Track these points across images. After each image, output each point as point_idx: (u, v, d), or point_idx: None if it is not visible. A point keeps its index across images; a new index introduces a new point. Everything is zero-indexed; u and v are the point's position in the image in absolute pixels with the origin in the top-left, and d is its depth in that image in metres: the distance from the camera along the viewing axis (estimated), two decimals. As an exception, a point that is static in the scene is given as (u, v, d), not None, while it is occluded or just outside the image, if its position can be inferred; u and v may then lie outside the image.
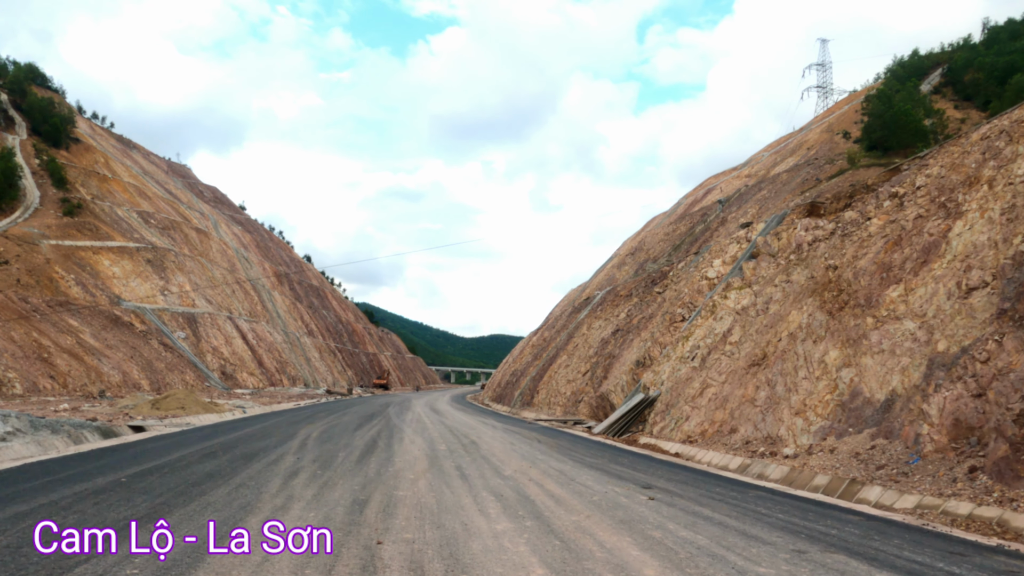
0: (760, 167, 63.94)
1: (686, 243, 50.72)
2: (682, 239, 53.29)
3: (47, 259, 57.63)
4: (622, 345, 35.81)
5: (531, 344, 65.00)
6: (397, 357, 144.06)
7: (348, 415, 28.68)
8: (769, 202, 43.84)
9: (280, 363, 78.05)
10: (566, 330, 51.77)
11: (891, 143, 43.40)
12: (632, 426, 25.83)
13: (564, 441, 20.61)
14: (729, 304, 27.39)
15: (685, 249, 48.55)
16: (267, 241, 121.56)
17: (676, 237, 55.75)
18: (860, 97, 68.98)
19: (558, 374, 42.97)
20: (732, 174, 72.81)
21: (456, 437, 19.55)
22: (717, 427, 21.11)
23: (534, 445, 18.33)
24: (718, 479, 13.50)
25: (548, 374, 45.32)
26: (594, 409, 34.08)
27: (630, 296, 42.69)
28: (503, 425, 27.63)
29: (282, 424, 21.75)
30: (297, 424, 21.90)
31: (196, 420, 22.12)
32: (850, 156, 41.63)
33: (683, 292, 33.39)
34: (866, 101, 61.35)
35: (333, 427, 21.20)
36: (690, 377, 24.86)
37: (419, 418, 28.76)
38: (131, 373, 45.84)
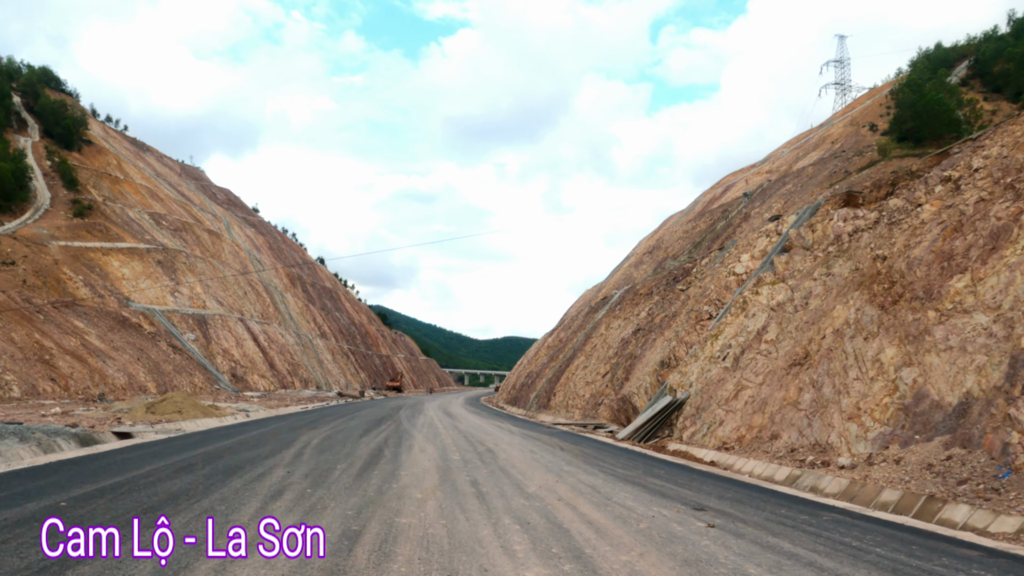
0: (781, 163, 61.82)
1: (707, 240, 48.72)
2: (702, 236, 51.28)
3: (55, 260, 56.39)
4: (644, 345, 33.87)
5: (546, 345, 63.09)
6: (410, 359, 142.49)
7: (356, 419, 26.92)
8: (795, 196, 41.78)
9: (292, 365, 76.58)
10: (583, 330, 49.85)
11: (923, 133, 41.23)
12: (659, 431, 23.92)
13: (588, 448, 18.73)
14: (762, 300, 25.43)
15: (707, 246, 46.55)
16: (280, 243, 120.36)
17: (696, 235, 53.73)
18: (884, 91, 66.71)
19: (576, 376, 41.06)
20: (751, 171, 70.69)
21: (471, 444, 17.71)
22: (756, 433, 19.16)
23: (557, 453, 16.47)
24: (774, 495, 11.60)
25: (565, 376, 43.42)
26: (615, 412, 32.16)
27: (650, 294, 40.73)
28: (520, 430, 25.78)
29: (282, 430, 20.00)
30: (298, 430, 20.15)
31: (191, 425, 20.42)
32: (881, 147, 39.52)
33: (709, 289, 31.42)
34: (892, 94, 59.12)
35: (337, 433, 19.42)
36: (722, 378, 22.90)
37: (431, 422, 26.97)
38: (137, 375, 44.37)
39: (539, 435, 23.14)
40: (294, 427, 21.27)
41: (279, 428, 20.66)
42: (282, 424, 22.60)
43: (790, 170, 53.70)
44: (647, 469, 13.88)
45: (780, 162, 62.32)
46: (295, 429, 20.32)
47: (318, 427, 21.48)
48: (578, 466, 13.79)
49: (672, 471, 13.92)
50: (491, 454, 15.45)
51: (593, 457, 15.92)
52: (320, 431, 19.85)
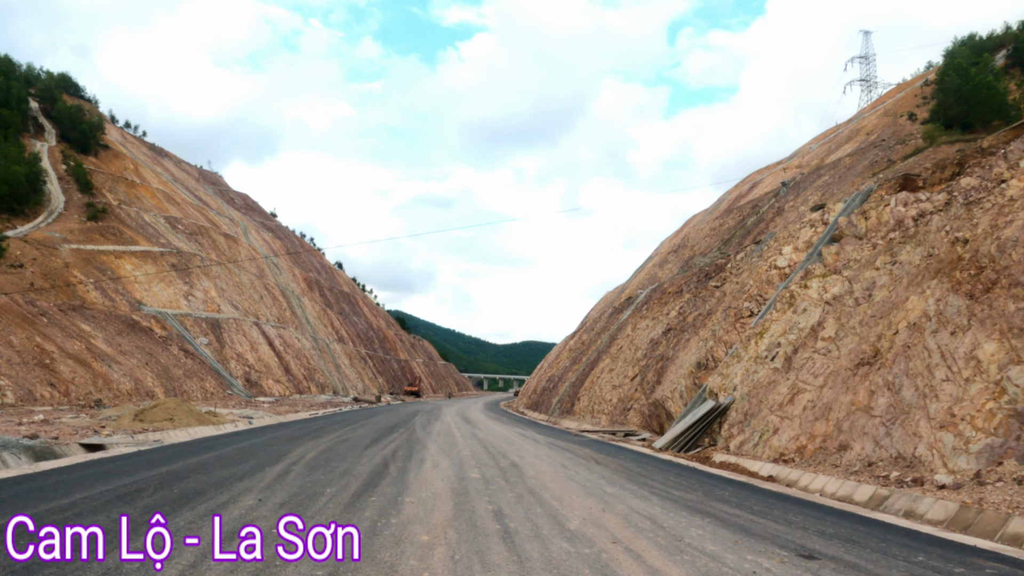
0: (811, 157, 58.93)
1: (737, 236, 45.93)
2: (731, 232, 48.50)
3: (66, 263, 54.68)
4: (676, 346, 31.18)
5: (568, 348, 60.42)
6: (429, 364, 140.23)
7: (366, 426, 24.49)
8: (834, 187, 38.94)
9: (308, 370, 74.50)
10: (607, 332, 47.17)
11: (970, 119, 38.26)
12: (700, 439, 21.25)
13: (627, 461, 16.12)
14: (812, 294, 22.70)
15: (737, 242, 43.78)
16: (298, 247, 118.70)
17: (724, 231, 50.96)
18: (917, 83, 63.69)
19: (601, 379, 38.40)
20: (778, 167, 67.82)
21: (492, 457, 15.17)
22: (819, 442, 16.45)
23: (593, 468, 13.89)
24: (879, 527, 8.96)
25: (590, 379, 40.77)
26: (647, 418, 29.49)
27: (680, 292, 38.02)
28: (546, 438, 23.19)
29: (279, 440, 17.58)
30: (298, 439, 17.72)
31: (180, 435, 18.08)
32: (927, 134, 36.63)
33: (747, 284, 28.70)
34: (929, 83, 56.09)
35: (340, 443, 16.96)
36: (773, 380, 20.20)
37: (448, 430, 24.46)
38: (144, 380, 42.31)
39: (567, 444, 20.55)
40: (294, 436, 18.85)
41: (277, 438, 18.26)
42: (282, 433, 20.20)
43: (823, 163, 50.84)
44: (707, 490, 11.26)
45: (810, 156, 59.44)
46: (294, 439, 17.89)
47: (321, 436, 19.05)
48: (623, 486, 11.21)
49: (738, 492, 11.30)
50: (516, 470, 12.91)
51: (636, 473, 13.32)
52: (322, 441, 17.41)
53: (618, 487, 11.14)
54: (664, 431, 28.25)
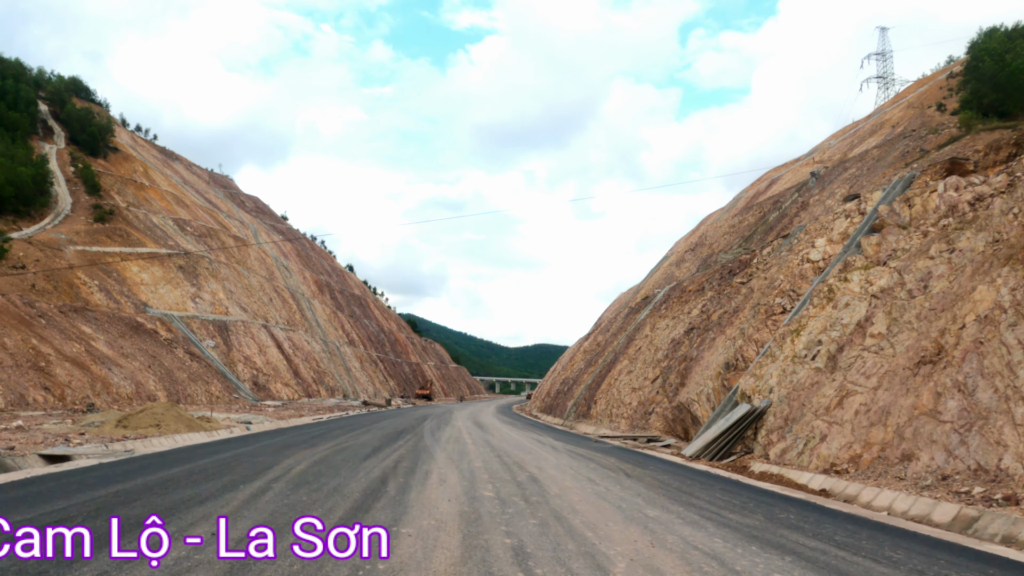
0: (832, 152, 56.76)
1: (759, 232, 43.86)
2: (752, 229, 46.42)
3: (70, 265, 53.27)
4: (700, 345, 29.16)
5: (582, 350, 58.40)
6: (440, 367, 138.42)
7: (371, 432, 22.63)
8: (862, 179, 36.83)
9: (318, 373, 72.85)
10: (624, 332, 45.16)
11: (1007, 106, 36.06)
12: (734, 446, 19.25)
13: (660, 472, 14.17)
14: (853, 287, 20.67)
15: (759, 238, 41.70)
16: (308, 250, 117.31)
17: (744, 228, 48.88)
18: (943, 74, 61.39)
19: (619, 381, 36.40)
20: (796, 164, 65.68)
21: (507, 469, 13.26)
22: (877, 451, 14.43)
23: (624, 482, 11.95)
24: (993, 562, 6.97)
25: (607, 382, 38.77)
26: (670, 423, 27.48)
27: (702, 290, 35.99)
28: (564, 445, 21.25)
29: (270, 448, 15.74)
30: (291, 448, 15.87)
31: (162, 443, 16.28)
32: (963, 122, 34.47)
33: (777, 280, 26.67)
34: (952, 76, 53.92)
35: (337, 452, 15.10)
36: (816, 381, 18.17)
37: (459, 436, 22.57)
38: (146, 384, 40.69)
39: (588, 452, 18.59)
40: (289, 444, 17.01)
41: (268, 446, 16.42)
42: (277, 440, 18.37)
43: (846, 157, 48.71)
44: (766, 512, 9.29)
45: (831, 151, 57.29)
46: (287, 448, 16.04)
47: (318, 444, 17.19)
48: (666, 507, 9.26)
49: (804, 515, 9.34)
50: (536, 485, 10.99)
51: (676, 489, 11.36)
52: (317, 450, 15.55)
53: (660, 508, 9.19)
54: (689, 436, 26.25)
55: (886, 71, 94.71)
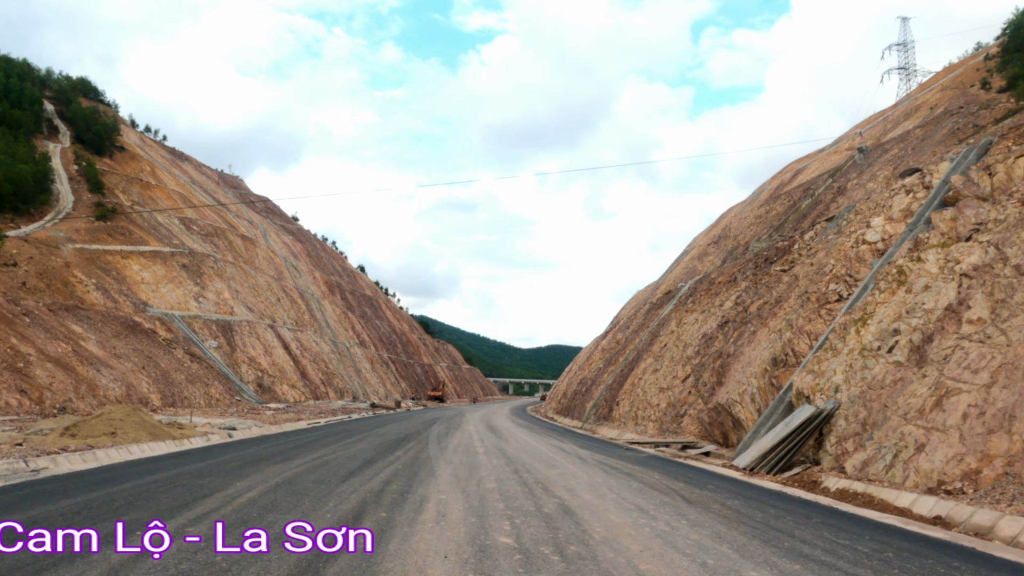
0: (865, 138, 53.24)
1: (791, 220, 40.48)
2: (782, 218, 43.03)
3: (66, 263, 50.59)
4: (738, 340, 25.85)
5: (600, 348, 55.07)
6: (453, 368, 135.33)
7: (368, 439, 19.51)
8: (908, 158, 33.41)
9: (326, 374, 69.93)
10: (646, 329, 41.85)
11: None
12: (795, 454, 15.95)
13: (724, 494, 10.93)
14: (931, 267, 17.35)
15: (792, 226, 38.32)
16: (319, 251, 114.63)
17: (772, 218, 45.48)
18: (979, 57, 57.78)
19: (644, 381, 33.11)
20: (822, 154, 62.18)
21: (529, 492, 10.06)
22: (1003, 466, 11.12)
23: (687, 513, 8.72)
24: None
25: (630, 381, 35.48)
26: (706, 426, 24.17)
27: (734, 281, 32.66)
28: (592, 454, 18.00)
29: (232, 464, 12.63)
30: (259, 464, 12.76)
31: (105, 456, 13.23)
32: (1022, 93, 31.02)
33: (827, 265, 23.33)
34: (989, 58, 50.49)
35: (315, 469, 11.97)
36: (900, 378, 14.86)
37: (469, 443, 19.40)
38: (138, 386, 37.81)
39: (623, 464, 15.34)
40: (260, 458, 13.89)
41: (233, 460, 13.31)
42: (250, 452, 15.27)
43: (880, 141, 45.24)
44: (925, 567, 6.01)
45: (863, 139, 53.81)
46: (256, 463, 12.92)
47: (296, 457, 14.05)
48: (773, 564, 6.05)
49: (951, 569, 6.04)
50: (571, 521, 7.80)
51: (763, 524, 8.11)
52: (291, 465, 12.42)
53: (767, 567, 5.94)
54: (729, 441, 22.97)
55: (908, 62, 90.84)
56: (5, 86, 76.63)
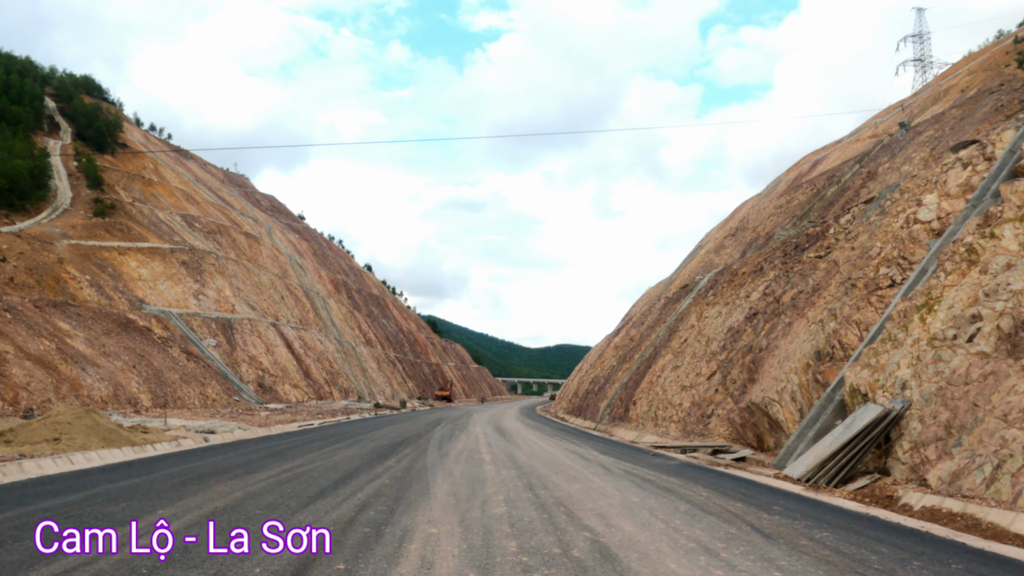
0: (887, 125, 50.49)
1: (816, 208, 37.79)
2: (806, 207, 40.33)
3: (60, 259, 48.40)
4: (771, 333, 23.24)
5: (613, 345, 52.43)
6: (461, 368, 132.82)
7: (359, 444, 17.03)
8: (948, 137, 30.70)
9: (331, 374, 67.57)
10: (663, 324, 39.24)
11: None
12: (859, 463, 13.35)
13: (805, 522, 8.38)
14: (1008, 244, 14.78)
15: (818, 213, 35.63)
16: (325, 249, 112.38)
17: (795, 207, 42.80)
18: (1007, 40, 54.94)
19: (664, 378, 30.52)
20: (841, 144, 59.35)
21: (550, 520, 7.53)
22: None
23: (777, 558, 6.12)
24: None
25: (647, 379, 32.89)
26: (737, 428, 21.57)
27: (760, 271, 30.04)
28: (616, 462, 15.43)
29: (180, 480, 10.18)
30: (213, 478, 10.31)
31: (34, 467, 10.76)
32: (1074, 64, 28.25)
33: (873, 248, 20.70)
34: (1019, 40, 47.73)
35: (280, 486, 9.50)
36: (989, 371, 12.27)
37: (474, 448, 16.88)
38: (127, 385, 35.48)
39: (657, 475, 12.77)
40: (220, 470, 11.42)
41: (184, 474, 10.85)
42: (214, 461, 12.81)
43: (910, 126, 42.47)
44: None
45: (884, 125, 51.04)
46: (210, 477, 10.46)
47: (263, 469, 11.57)
48: None
49: None
50: (612, 569, 5.23)
51: (880, 572, 5.50)
52: (250, 481, 9.94)
53: None
54: (764, 445, 20.37)
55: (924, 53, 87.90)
56: (5, 82, 74.72)
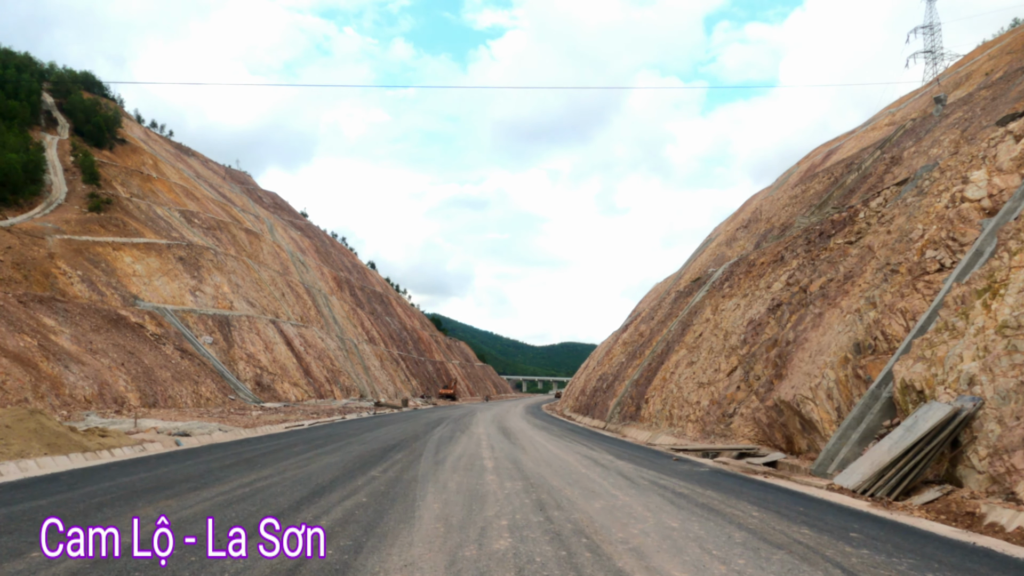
0: (906, 111, 48.38)
1: (835, 196, 35.66)
2: (824, 196, 38.21)
3: (50, 253, 46.62)
4: (799, 325, 21.19)
5: (621, 341, 50.39)
6: (466, 365, 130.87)
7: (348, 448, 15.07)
8: (980, 118, 28.59)
9: (332, 372, 65.70)
10: (675, 318, 37.20)
11: None
12: (924, 471, 11.34)
13: (899, 556, 6.27)
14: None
15: (838, 201, 33.52)
16: (328, 247, 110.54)
17: (812, 197, 40.68)
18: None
19: (678, 375, 28.51)
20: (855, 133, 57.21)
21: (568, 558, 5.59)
22: None
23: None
24: None
25: (660, 376, 30.87)
26: (764, 428, 19.54)
27: (780, 260, 27.99)
28: (637, 469, 13.43)
29: (110, 498, 8.22)
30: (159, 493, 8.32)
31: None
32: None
33: (915, 230, 18.64)
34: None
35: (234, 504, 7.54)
36: (1087, 364, 10.24)
37: (475, 453, 14.91)
38: (115, 384, 33.62)
39: (689, 487, 10.76)
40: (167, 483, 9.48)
41: (116, 490, 8.94)
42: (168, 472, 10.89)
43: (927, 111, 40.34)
44: None
45: (906, 111, 48.97)
46: (150, 493, 8.48)
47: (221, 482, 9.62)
48: None
49: None
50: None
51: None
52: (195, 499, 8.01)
53: None
54: (795, 447, 18.34)
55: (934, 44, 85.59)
56: (1, 77, 73.12)
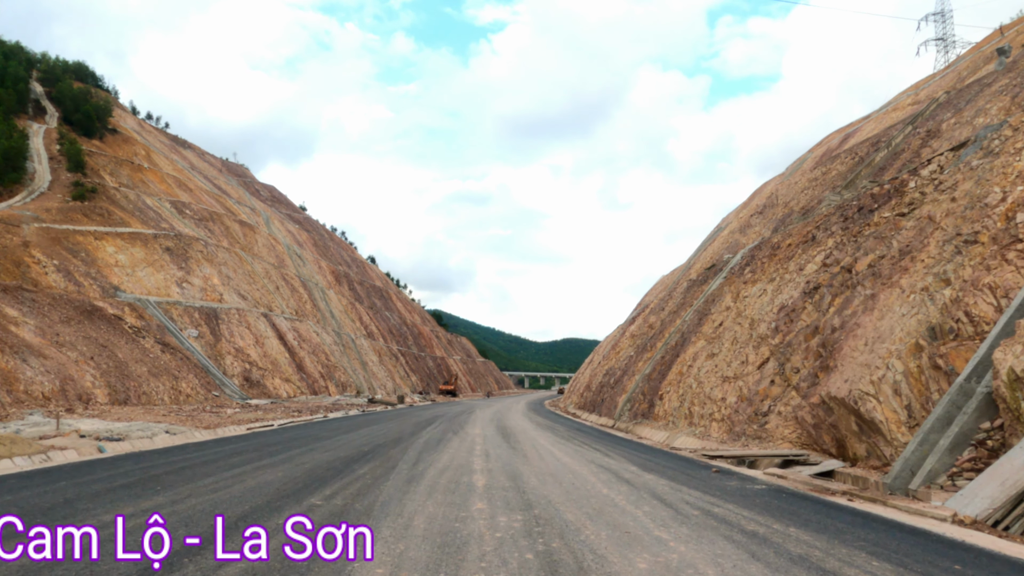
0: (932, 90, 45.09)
1: (864, 175, 32.42)
2: (848, 176, 34.98)
3: (25, 242, 43.57)
4: (845, 309, 18.00)
5: (629, 334, 47.21)
6: (467, 361, 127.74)
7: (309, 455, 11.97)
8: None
9: (327, 367, 62.60)
10: (689, 308, 34.00)
11: None
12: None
13: None
14: None
15: (870, 178, 30.26)
16: (327, 240, 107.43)
17: (835, 178, 37.46)
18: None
19: (697, 368, 25.33)
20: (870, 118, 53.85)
21: None
22: None
23: None
24: None
25: (675, 370, 27.69)
26: (809, 429, 16.35)
27: (811, 240, 24.78)
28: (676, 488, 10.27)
29: None
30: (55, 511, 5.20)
31: None
32: None
33: (991, 194, 15.46)
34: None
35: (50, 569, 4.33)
36: None
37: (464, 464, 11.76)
38: (81, 379, 30.53)
39: (760, 520, 7.57)
40: (72, 499, 6.29)
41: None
42: (29, 494, 7.68)
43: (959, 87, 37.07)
44: None
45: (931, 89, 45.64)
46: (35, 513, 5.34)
47: (67, 520, 6.42)
48: None
49: None
50: None
51: None
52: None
53: None
54: (850, 453, 15.15)
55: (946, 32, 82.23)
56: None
